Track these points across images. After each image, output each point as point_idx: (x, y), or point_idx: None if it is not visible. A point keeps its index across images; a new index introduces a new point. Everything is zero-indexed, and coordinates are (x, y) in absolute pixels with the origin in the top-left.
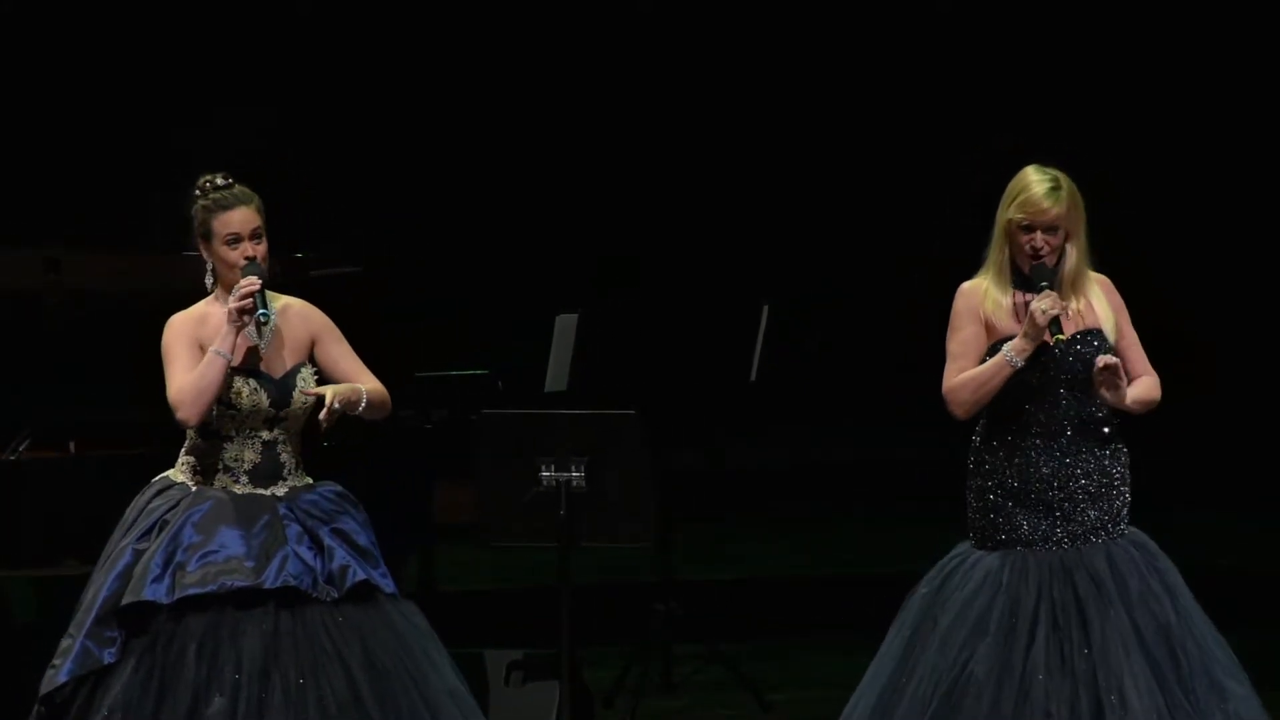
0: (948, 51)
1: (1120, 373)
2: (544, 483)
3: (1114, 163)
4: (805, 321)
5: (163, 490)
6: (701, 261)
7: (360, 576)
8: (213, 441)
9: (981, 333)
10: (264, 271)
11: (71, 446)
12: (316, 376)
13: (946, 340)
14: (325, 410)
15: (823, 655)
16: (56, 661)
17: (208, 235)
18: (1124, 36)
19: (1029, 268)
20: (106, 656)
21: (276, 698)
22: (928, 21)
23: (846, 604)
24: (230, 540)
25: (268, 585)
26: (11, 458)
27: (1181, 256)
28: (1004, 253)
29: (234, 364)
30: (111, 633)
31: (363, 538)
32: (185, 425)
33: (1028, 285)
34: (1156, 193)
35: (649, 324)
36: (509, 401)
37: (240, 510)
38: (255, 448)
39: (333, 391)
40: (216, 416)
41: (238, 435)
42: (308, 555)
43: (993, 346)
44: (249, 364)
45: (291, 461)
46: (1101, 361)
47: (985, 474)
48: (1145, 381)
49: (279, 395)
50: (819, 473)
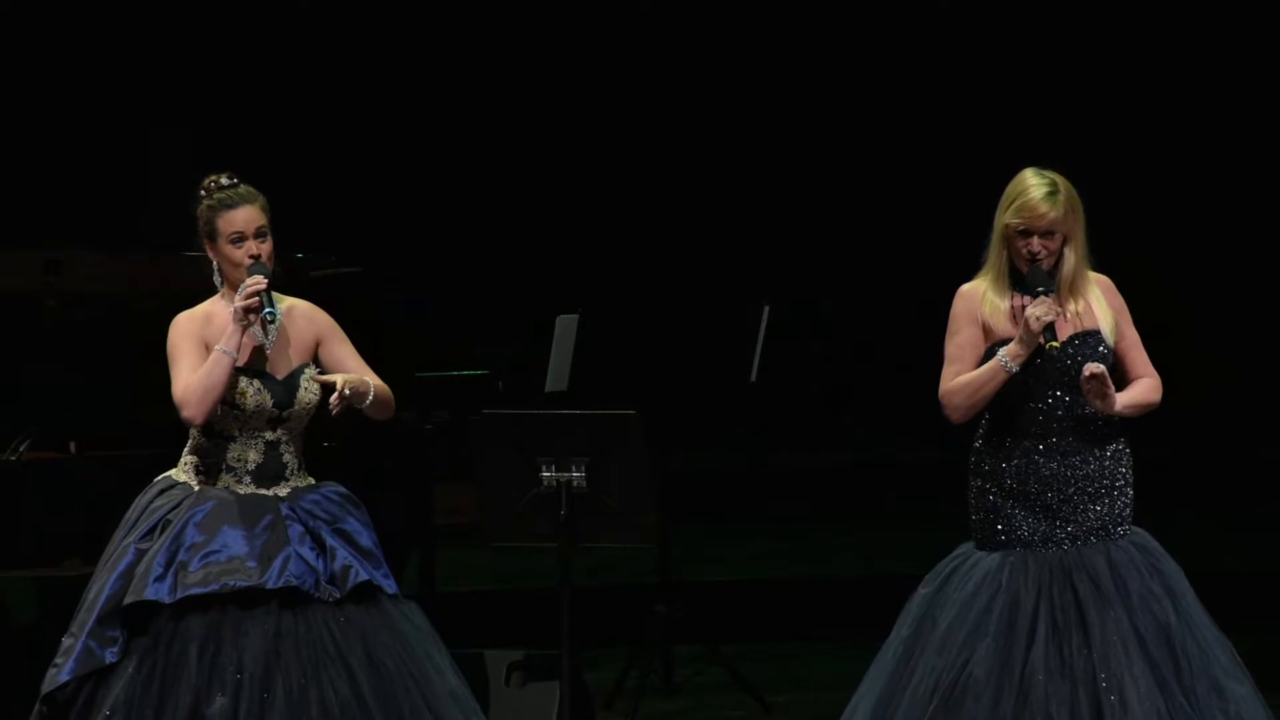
0: (947, 51)
1: (1108, 381)
2: (544, 483)
3: (1113, 163)
4: (805, 322)
5: (165, 490)
6: (701, 262)
7: (363, 577)
8: (216, 441)
9: (979, 336)
10: (270, 271)
11: (72, 446)
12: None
13: (945, 343)
14: (335, 395)
15: (823, 656)
16: (58, 661)
17: (213, 234)
18: (1124, 36)
19: (1026, 271)
20: (108, 656)
21: (278, 698)
22: (928, 21)
23: (847, 605)
24: (233, 540)
25: (270, 585)
26: (12, 458)
27: (1181, 256)
28: (1002, 256)
29: (239, 363)
30: (113, 632)
31: (365, 538)
32: (190, 424)
33: (1026, 288)
34: (1156, 193)
35: (649, 324)
36: (509, 401)
37: (243, 510)
38: (259, 448)
39: (343, 379)
40: (220, 416)
41: (241, 435)
42: (310, 556)
43: (989, 350)
44: (254, 364)
45: (295, 462)
46: (1088, 370)
47: (985, 475)
48: (1145, 383)
49: (283, 395)
50: (819, 473)
